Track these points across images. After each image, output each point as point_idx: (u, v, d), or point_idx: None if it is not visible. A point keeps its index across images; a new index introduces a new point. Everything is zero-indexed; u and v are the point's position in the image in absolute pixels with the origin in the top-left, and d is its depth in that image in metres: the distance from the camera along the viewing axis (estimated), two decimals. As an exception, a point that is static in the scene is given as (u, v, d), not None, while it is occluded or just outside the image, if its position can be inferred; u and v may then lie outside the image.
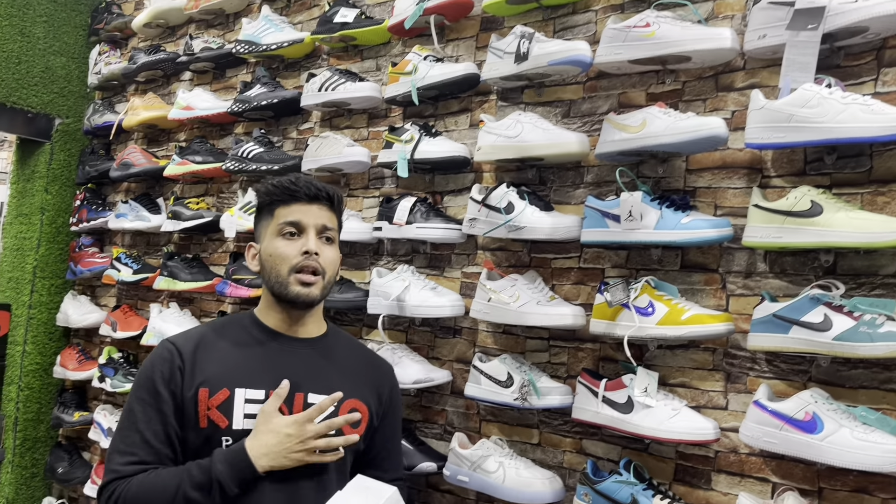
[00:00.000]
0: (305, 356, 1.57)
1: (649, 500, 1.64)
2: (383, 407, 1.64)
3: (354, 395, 1.56)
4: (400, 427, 1.73)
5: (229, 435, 1.44)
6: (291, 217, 1.54)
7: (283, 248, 1.52)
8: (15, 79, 3.37)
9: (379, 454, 1.63)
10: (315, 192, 1.55)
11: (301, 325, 1.59)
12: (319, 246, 1.53)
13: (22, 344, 3.45)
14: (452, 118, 2.31)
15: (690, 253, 1.79)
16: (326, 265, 1.54)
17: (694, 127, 1.67)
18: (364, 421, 1.57)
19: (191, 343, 1.52)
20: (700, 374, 1.74)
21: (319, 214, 1.56)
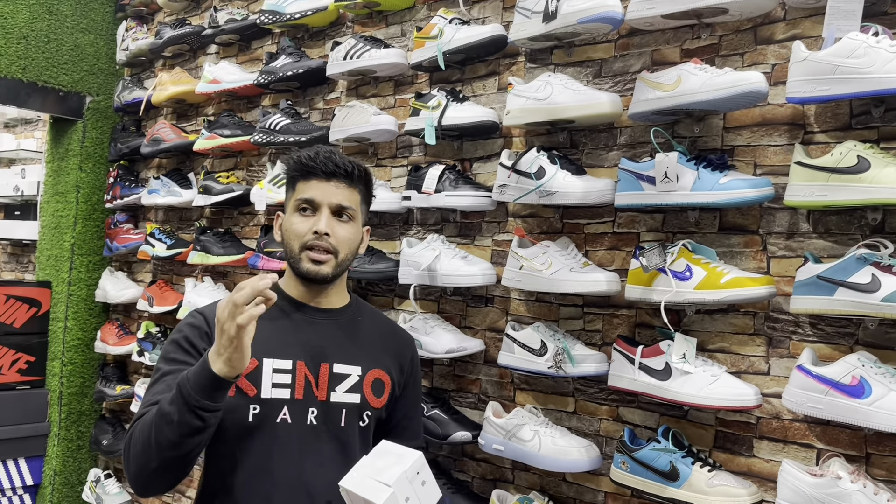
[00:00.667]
0: (329, 327, 1.57)
1: (689, 468, 1.60)
2: (404, 377, 1.65)
3: (377, 365, 1.58)
4: (420, 396, 1.74)
5: (257, 403, 1.45)
6: (307, 194, 1.51)
7: (297, 224, 1.51)
8: (45, 58, 3.39)
9: (400, 423, 1.65)
10: (332, 169, 1.51)
11: (323, 296, 1.58)
12: (332, 225, 1.50)
13: (63, 320, 3.52)
14: (480, 82, 2.25)
15: (729, 214, 1.72)
16: (339, 244, 1.51)
17: (732, 82, 1.59)
18: (386, 390, 1.59)
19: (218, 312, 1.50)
20: (740, 339, 1.69)
21: (335, 192, 1.52)
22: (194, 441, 1.28)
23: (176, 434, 1.26)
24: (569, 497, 1.95)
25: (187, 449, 1.29)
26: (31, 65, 3.33)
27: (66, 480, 3.51)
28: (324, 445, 1.49)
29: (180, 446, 1.27)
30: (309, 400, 1.49)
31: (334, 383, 1.51)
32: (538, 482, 2.02)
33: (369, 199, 1.63)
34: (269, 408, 1.45)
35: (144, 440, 1.30)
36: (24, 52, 3.30)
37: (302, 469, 1.46)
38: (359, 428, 1.55)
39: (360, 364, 1.56)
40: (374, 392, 1.56)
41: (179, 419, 1.25)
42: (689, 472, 1.60)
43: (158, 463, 1.30)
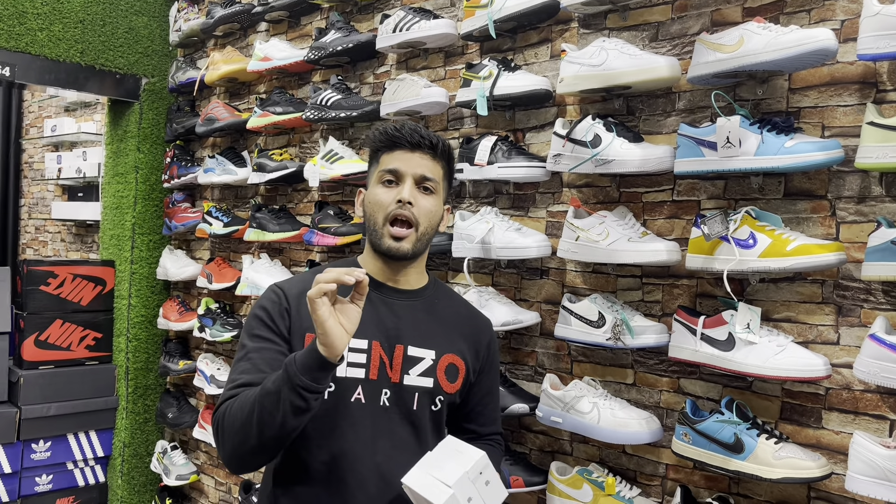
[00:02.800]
0: (407, 308, 1.56)
1: (754, 440, 1.57)
2: (480, 363, 1.63)
3: (451, 350, 1.57)
4: (497, 383, 1.71)
5: (333, 381, 1.44)
6: (391, 164, 1.51)
7: (380, 194, 1.50)
8: (101, 41, 3.45)
9: (474, 409, 1.65)
10: (417, 140, 1.51)
11: (402, 275, 1.57)
12: (415, 195, 1.49)
13: (127, 297, 3.63)
14: (532, 50, 2.21)
15: (795, 179, 1.66)
16: (421, 215, 1.50)
17: (798, 41, 1.52)
18: (461, 376, 1.57)
19: (296, 289, 1.51)
20: (807, 308, 1.63)
21: (420, 163, 1.51)
22: (296, 422, 1.28)
23: (279, 414, 1.26)
24: (629, 469, 1.94)
25: (288, 429, 1.29)
26: (88, 49, 3.41)
27: (135, 452, 3.64)
28: (397, 428, 1.49)
29: (282, 426, 1.28)
30: (383, 381, 1.48)
31: (408, 366, 1.51)
32: (597, 454, 2.01)
33: (451, 177, 1.62)
34: (344, 387, 1.46)
35: (244, 418, 1.31)
36: (81, 37, 3.38)
37: (375, 450, 1.46)
38: (430, 412, 1.54)
39: (435, 348, 1.54)
40: (448, 377, 1.55)
41: (284, 398, 1.25)
42: (755, 444, 1.56)
43: (258, 441, 1.30)
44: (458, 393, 1.58)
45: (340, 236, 2.59)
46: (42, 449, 3.41)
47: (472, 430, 1.65)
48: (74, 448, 3.53)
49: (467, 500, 1.27)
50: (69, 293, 3.52)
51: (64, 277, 3.50)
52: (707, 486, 1.78)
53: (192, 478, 3.45)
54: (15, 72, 3.20)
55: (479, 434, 1.66)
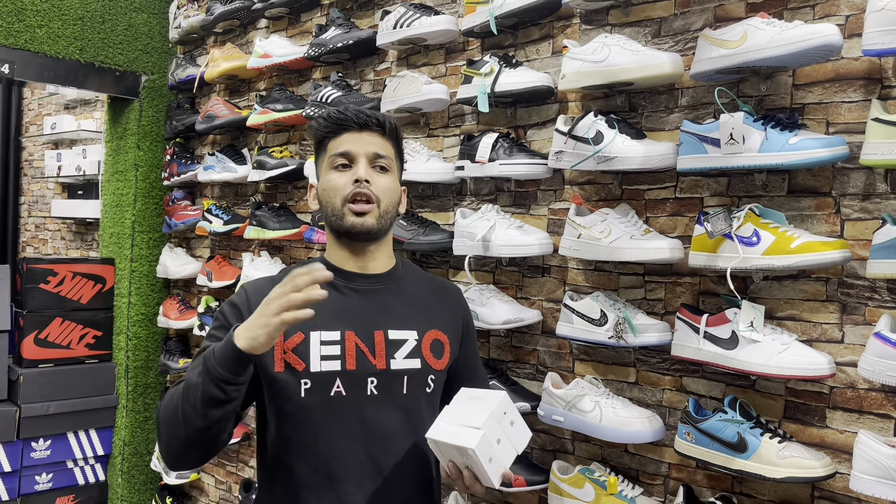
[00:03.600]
0: (379, 293, 1.52)
1: (758, 439, 1.55)
2: (461, 330, 1.62)
3: (433, 325, 1.54)
4: (476, 349, 1.71)
5: (307, 378, 1.41)
6: (342, 148, 1.48)
7: (335, 179, 1.47)
8: (101, 38, 3.44)
9: (466, 374, 1.62)
10: (364, 120, 1.48)
11: (370, 260, 1.53)
12: (371, 174, 1.46)
13: (127, 295, 3.62)
14: (533, 46, 2.19)
15: (799, 176, 1.65)
16: (380, 192, 1.46)
17: (802, 36, 1.51)
18: (446, 350, 1.54)
19: (260, 287, 1.47)
20: (811, 306, 1.62)
21: (371, 142, 1.48)
22: (215, 413, 1.26)
23: (200, 404, 1.25)
24: (631, 468, 1.92)
25: (209, 421, 1.27)
26: (87, 46, 3.39)
27: (135, 450, 3.63)
28: (387, 416, 1.44)
29: (203, 417, 1.26)
30: (365, 370, 1.43)
31: (392, 350, 1.46)
32: (599, 453, 2.00)
33: (402, 157, 1.59)
34: (321, 382, 1.41)
35: (173, 410, 1.30)
36: (80, 34, 3.37)
37: (366, 442, 1.42)
38: (424, 395, 1.50)
39: (416, 327, 1.51)
40: (434, 354, 1.51)
41: (203, 389, 1.25)
42: (759, 443, 1.55)
43: (185, 434, 1.29)
44: (448, 368, 1.56)
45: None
46: (42, 447, 3.40)
47: None
48: (74, 446, 3.52)
49: (497, 441, 1.24)
50: (69, 291, 3.51)
51: (64, 275, 3.49)
52: (710, 485, 1.77)
53: (192, 476, 3.44)
54: (14, 69, 3.19)
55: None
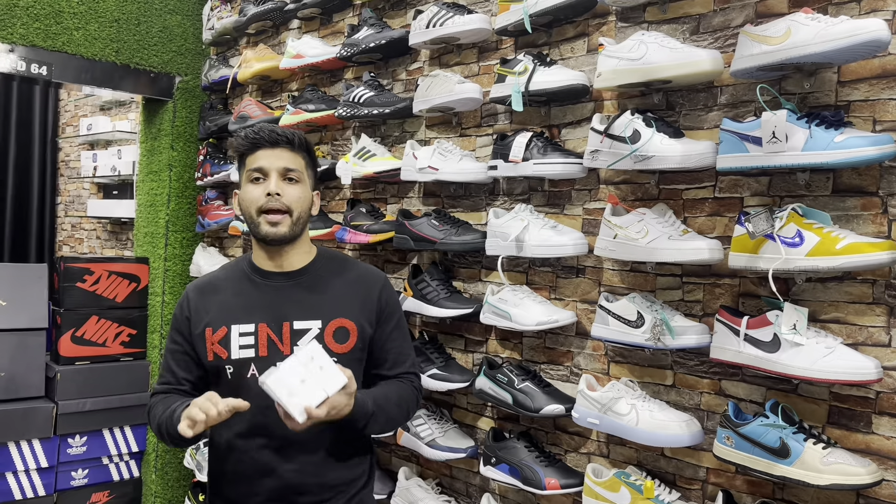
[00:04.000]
0: (291, 289, 1.72)
1: (801, 445, 1.52)
2: (375, 315, 1.76)
3: (339, 314, 1.71)
4: (401, 328, 1.82)
5: (230, 364, 1.67)
6: (256, 163, 1.67)
7: (251, 191, 1.68)
8: (136, 40, 3.48)
9: (379, 356, 1.78)
10: (275, 138, 1.67)
11: (285, 259, 1.73)
12: (281, 187, 1.66)
13: (161, 294, 3.66)
14: (568, 45, 2.17)
15: (844, 175, 1.60)
16: (291, 203, 1.67)
17: (849, 32, 1.47)
18: (352, 335, 1.71)
19: (199, 290, 1.77)
20: (857, 309, 1.58)
21: (281, 157, 1.67)
22: (186, 444, 1.60)
23: (173, 438, 1.60)
24: (668, 472, 1.89)
25: (185, 444, 1.61)
26: (123, 48, 3.44)
27: (169, 447, 3.67)
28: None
29: (176, 444, 1.63)
30: (274, 356, 1.64)
31: (296, 338, 1.67)
32: (634, 456, 1.97)
33: (314, 165, 1.78)
34: (239, 367, 1.66)
35: (157, 426, 1.66)
36: (116, 36, 3.41)
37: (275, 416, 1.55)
38: None
39: (321, 317, 1.70)
40: (337, 340, 1.69)
41: (170, 434, 1.60)
42: (802, 448, 1.51)
43: (169, 441, 1.65)
44: (358, 350, 1.72)
45: (373, 234, 2.58)
46: (78, 444, 3.45)
47: (381, 375, 1.78)
48: (110, 443, 3.57)
49: (300, 381, 1.44)
50: (104, 290, 3.55)
51: (100, 274, 3.53)
52: (750, 491, 1.73)
53: (224, 474, 3.46)
54: (52, 71, 3.24)
55: (386, 377, 1.78)
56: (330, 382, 1.47)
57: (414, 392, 1.81)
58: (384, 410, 1.67)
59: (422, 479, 2.50)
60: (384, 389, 1.73)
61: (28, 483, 3.30)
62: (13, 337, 3.28)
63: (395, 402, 1.72)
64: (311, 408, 1.45)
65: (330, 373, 1.48)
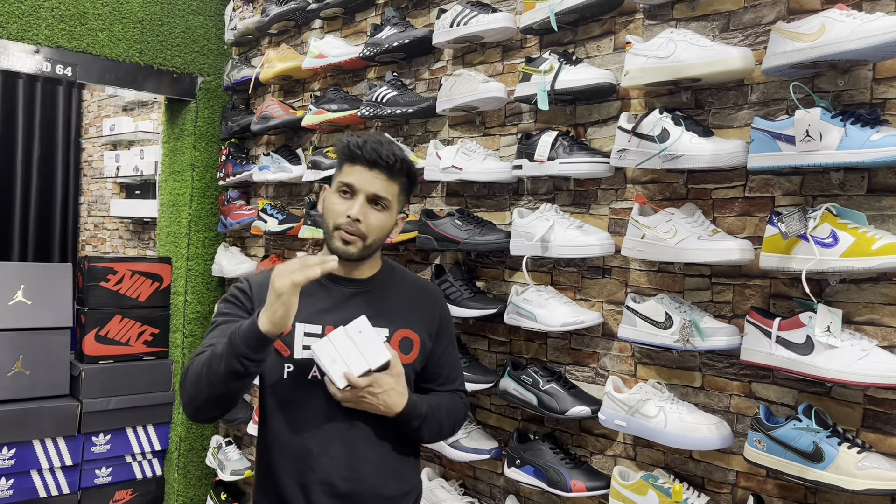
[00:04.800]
0: (359, 295, 1.70)
1: (835, 449, 1.49)
2: (433, 329, 1.75)
3: (405, 325, 1.70)
4: (452, 344, 1.82)
5: (290, 363, 1.64)
6: (348, 178, 1.62)
7: (335, 204, 1.63)
8: (159, 41, 3.50)
9: (432, 371, 1.76)
10: (374, 159, 1.60)
11: (355, 268, 1.71)
12: (365, 212, 1.61)
13: (183, 294, 3.68)
14: (594, 43, 2.15)
15: (879, 174, 1.57)
16: (369, 230, 1.62)
17: (885, 28, 1.44)
18: (416, 347, 1.70)
19: (260, 279, 1.71)
20: (893, 311, 1.54)
21: (374, 182, 1.61)
22: (236, 384, 1.48)
23: (222, 374, 1.45)
24: (696, 475, 1.87)
25: (230, 389, 1.49)
26: (146, 48, 3.46)
27: (191, 446, 3.69)
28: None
29: (224, 385, 1.47)
30: None
31: None
32: (662, 459, 1.95)
33: (410, 189, 1.73)
34: (301, 367, 1.63)
35: (197, 375, 1.51)
36: (140, 36, 3.43)
37: (332, 419, 1.61)
38: None
39: (388, 325, 1.68)
40: (402, 350, 1.68)
41: (226, 363, 1.44)
42: (836, 453, 1.49)
43: (206, 395, 1.51)
44: (418, 362, 1.71)
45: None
46: (102, 442, 3.47)
47: (431, 389, 1.77)
48: (133, 441, 3.59)
49: (345, 351, 1.50)
50: (128, 289, 3.58)
51: (123, 274, 3.56)
52: (781, 495, 1.71)
53: (246, 473, 3.47)
54: (77, 72, 3.27)
55: (436, 391, 1.77)
56: (374, 356, 1.51)
57: (463, 407, 1.81)
58: (436, 416, 1.68)
59: (445, 480, 2.49)
60: (436, 398, 1.73)
61: (52, 481, 3.33)
62: (38, 336, 3.31)
63: (445, 412, 1.72)
64: (350, 374, 1.50)
65: (375, 347, 1.52)
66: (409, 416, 1.61)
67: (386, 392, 1.56)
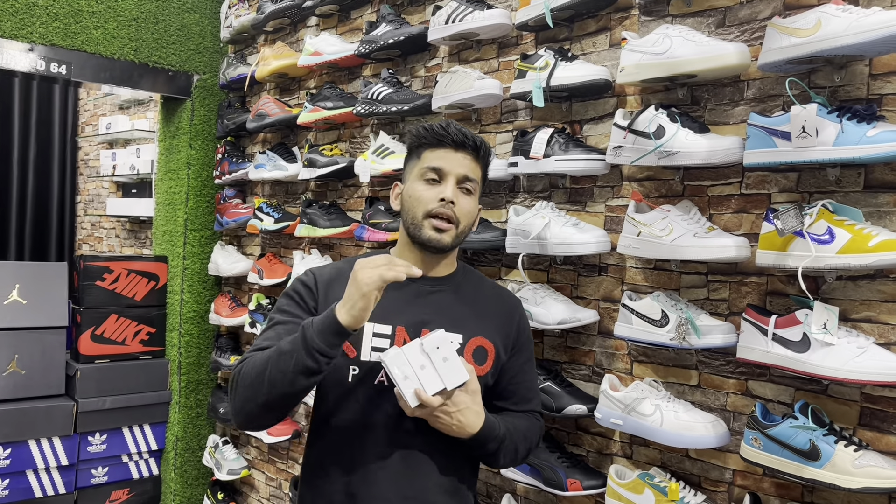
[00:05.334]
0: (435, 295, 1.59)
1: (832, 447, 1.48)
2: (510, 341, 1.64)
3: (480, 332, 1.58)
4: (530, 361, 1.70)
5: (356, 365, 1.51)
6: (435, 162, 1.54)
7: (422, 191, 1.54)
8: (154, 39, 3.49)
9: (506, 388, 1.64)
10: (462, 140, 1.54)
11: (433, 265, 1.60)
12: (457, 195, 1.53)
13: (179, 293, 3.66)
14: (590, 39, 2.14)
15: (876, 171, 1.56)
16: (461, 215, 1.54)
17: (882, 23, 1.42)
18: (490, 357, 1.58)
19: (327, 274, 1.60)
20: (890, 308, 1.53)
21: (463, 163, 1.55)
22: (304, 382, 1.35)
23: (290, 371, 1.34)
24: (693, 474, 1.86)
25: (296, 389, 1.36)
26: (141, 46, 3.44)
27: (188, 446, 3.68)
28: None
29: (292, 384, 1.35)
30: None
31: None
32: (658, 458, 1.94)
33: (486, 178, 1.66)
34: (368, 370, 1.51)
35: (257, 374, 1.38)
36: (135, 34, 3.42)
37: (396, 429, 1.50)
38: None
39: (463, 331, 1.57)
40: (476, 360, 1.56)
41: (296, 358, 1.33)
42: (833, 451, 1.48)
43: (266, 398, 1.37)
44: (490, 374, 1.59)
45: (391, 232, 2.56)
46: (98, 442, 3.46)
47: (505, 408, 1.64)
48: (129, 441, 3.58)
49: (420, 367, 1.38)
50: (124, 288, 3.57)
51: (119, 273, 3.55)
52: (778, 493, 1.70)
53: (243, 472, 3.47)
54: (72, 70, 3.25)
55: (511, 411, 1.64)
56: (451, 375, 1.39)
57: (539, 431, 1.68)
58: (513, 439, 1.55)
59: (441, 478, 2.47)
60: (512, 419, 1.60)
61: (48, 481, 3.32)
62: (34, 335, 3.30)
63: (522, 435, 1.59)
64: (422, 392, 1.37)
65: (453, 365, 1.39)
66: (486, 438, 1.48)
67: (461, 411, 1.43)
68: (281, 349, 1.37)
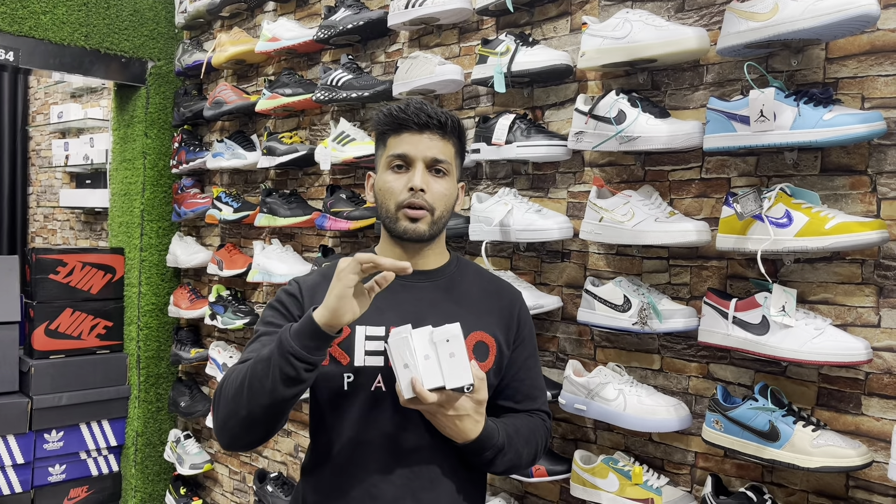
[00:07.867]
0: (426, 289, 1.49)
1: (790, 427, 1.50)
2: (512, 336, 1.53)
3: (480, 326, 1.47)
4: (534, 356, 1.59)
5: (351, 372, 1.41)
6: (399, 149, 1.43)
7: (391, 181, 1.44)
8: (106, 24, 3.38)
9: (509, 384, 1.53)
10: (424, 120, 1.42)
11: (420, 258, 1.49)
12: (427, 181, 1.42)
13: (137, 285, 3.58)
14: (550, 24, 2.12)
15: (832, 154, 1.58)
16: (435, 201, 1.43)
17: (838, 7, 1.43)
18: (492, 353, 1.48)
19: (311, 280, 1.50)
20: (846, 289, 1.56)
21: (430, 145, 1.43)
22: (283, 392, 1.25)
23: (269, 381, 1.24)
24: (656, 457, 1.87)
25: (276, 398, 1.25)
26: (92, 32, 3.34)
27: (148, 441, 3.61)
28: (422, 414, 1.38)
29: (272, 394, 1.25)
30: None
31: None
32: (622, 442, 1.95)
33: (463, 153, 1.53)
34: (363, 376, 1.41)
35: (238, 386, 1.29)
36: (85, 20, 3.31)
37: (398, 440, 1.40)
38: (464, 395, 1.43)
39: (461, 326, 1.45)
40: (478, 356, 1.45)
41: (275, 366, 1.24)
42: (791, 431, 1.50)
43: (248, 411, 1.28)
44: (493, 372, 1.47)
45: (353, 220, 2.53)
46: (55, 439, 3.38)
47: (508, 408, 1.53)
48: (87, 438, 3.50)
49: (424, 357, 1.26)
50: (79, 281, 3.47)
51: (73, 266, 3.45)
52: (739, 474, 1.72)
53: (205, 467, 3.41)
54: (19, 56, 3.14)
55: (515, 410, 1.54)
56: (453, 374, 1.27)
57: (545, 432, 1.56)
58: (513, 446, 1.43)
59: (407, 468, 2.46)
60: (514, 422, 1.48)
61: (4, 480, 3.23)
62: (-16, 331, 3.20)
63: (524, 440, 1.47)
64: (419, 385, 1.25)
65: (458, 364, 1.27)
66: (482, 447, 1.37)
67: (460, 417, 1.33)
68: (260, 357, 1.28)
